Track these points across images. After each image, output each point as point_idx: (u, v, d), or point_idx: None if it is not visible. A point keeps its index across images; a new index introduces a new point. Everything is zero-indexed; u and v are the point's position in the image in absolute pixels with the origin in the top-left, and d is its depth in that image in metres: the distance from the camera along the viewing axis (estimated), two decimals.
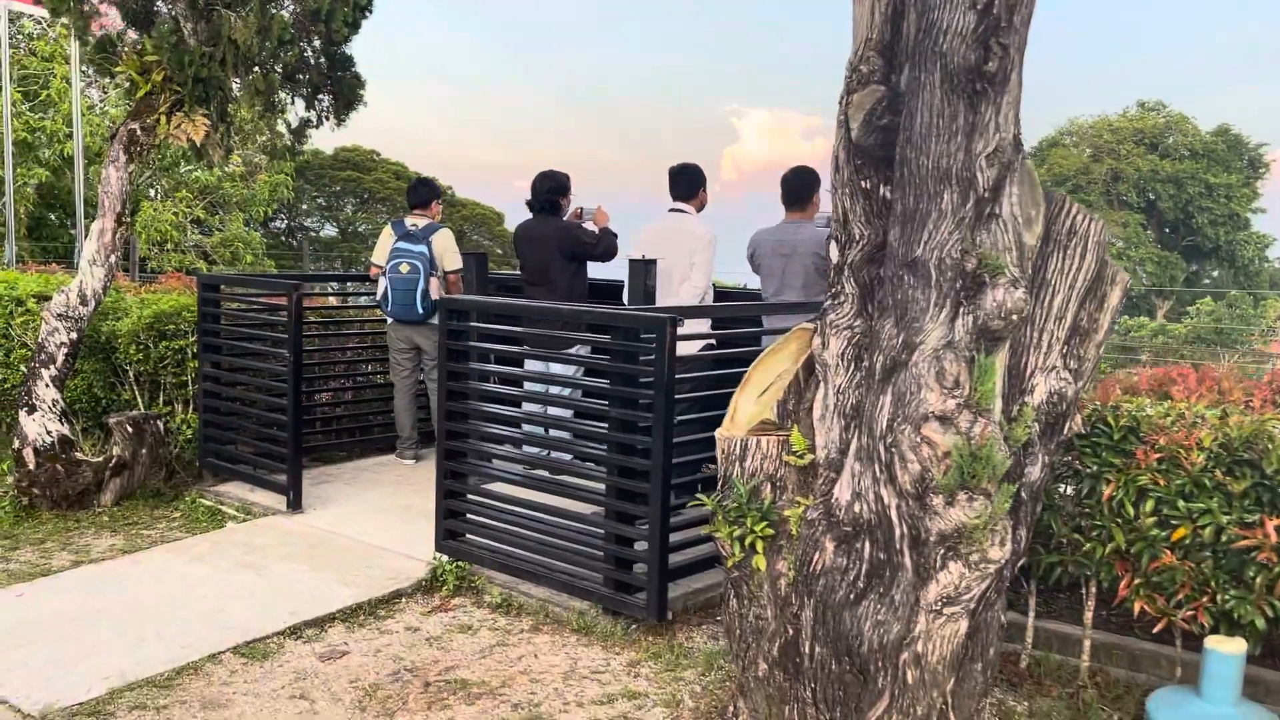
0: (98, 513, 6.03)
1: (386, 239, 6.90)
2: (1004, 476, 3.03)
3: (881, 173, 3.25)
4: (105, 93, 19.45)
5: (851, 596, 3.21)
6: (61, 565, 5.14)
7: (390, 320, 6.88)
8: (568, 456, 4.89)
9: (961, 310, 3.00)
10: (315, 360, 7.06)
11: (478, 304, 4.82)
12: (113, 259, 6.55)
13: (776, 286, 5.63)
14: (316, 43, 8.27)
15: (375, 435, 7.36)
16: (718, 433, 3.72)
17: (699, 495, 3.60)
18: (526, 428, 5.24)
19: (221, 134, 7.62)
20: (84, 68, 14.53)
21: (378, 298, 6.83)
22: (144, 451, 6.23)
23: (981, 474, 2.97)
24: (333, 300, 8.11)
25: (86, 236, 6.69)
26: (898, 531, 3.10)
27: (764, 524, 3.43)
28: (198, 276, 6.60)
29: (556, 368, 6.23)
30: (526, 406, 5.39)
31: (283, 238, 30.31)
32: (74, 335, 6.35)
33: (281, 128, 9.62)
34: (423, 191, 7.17)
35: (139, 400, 6.80)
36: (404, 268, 6.81)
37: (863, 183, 3.28)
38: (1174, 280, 40.72)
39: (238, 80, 7.77)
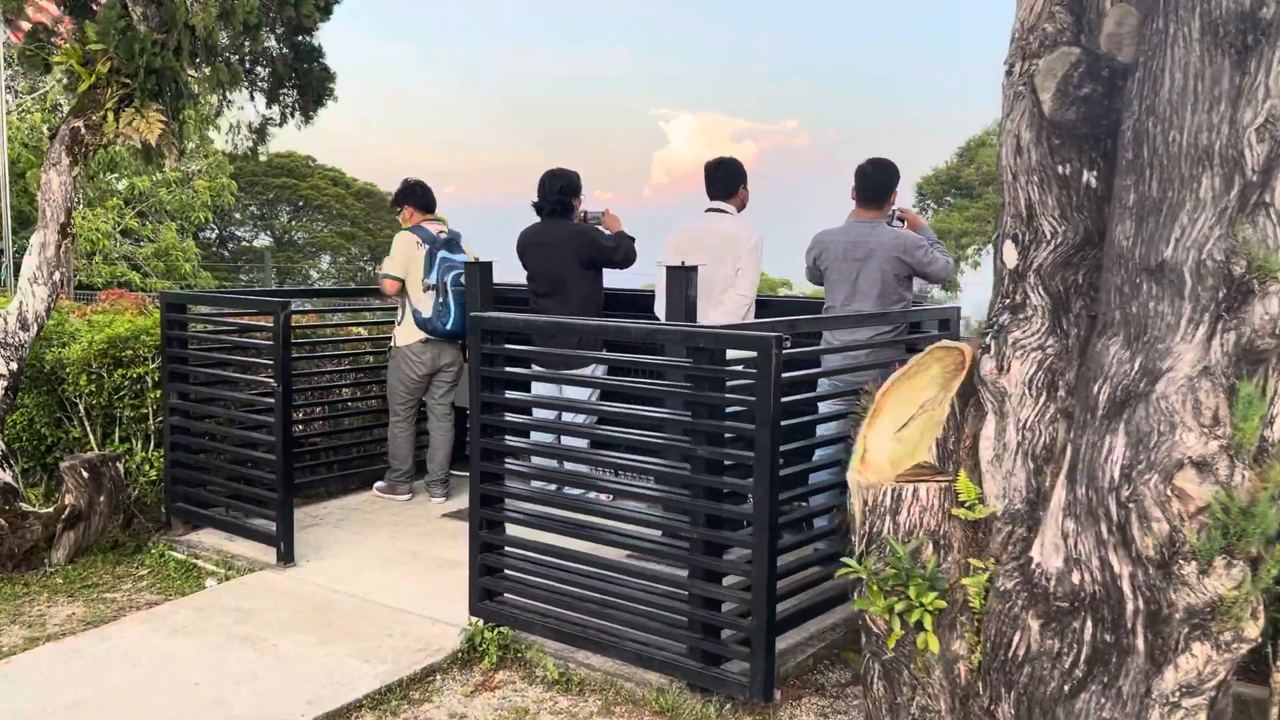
0: (50, 573, 5.15)
1: (415, 249, 6.05)
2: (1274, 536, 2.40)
3: (1085, 154, 2.61)
4: (19, 95, 18.19)
5: (1067, 688, 2.55)
6: (14, 644, 4.28)
7: (417, 341, 6.08)
8: (629, 502, 4.19)
9: (1221, 326, 2.36)
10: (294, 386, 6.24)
11: (529, 324, 4.05)
12: (57, 276, 5.69)
13: (847, 294, 4.97)
14: (279, 30, 7.45)
15: (356, 469, 6.56)
16: (852, 477, 3.05)
17: (846, 560, 2.92)
18: (575, 466, 4.52)
19: (175, 132, 6.77)
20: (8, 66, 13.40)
21: (426, 315, 6.00)
22: (102, 499, 5.36)
23: (1251, 534, 2.34)
24: (359, 320, 7.26)
25: (19, 251, 5.81)
26: (1130, 607, 2.46)
27: (933, 595, 2.76)
28: (161, 295, 5.74)
29: (570, 391, 5.53)
30: (568, 439, 4.67)
31: (214, 247, 29.00)
32: (14, 365, 5.46)
33: (221, 127, 8.75)
34: (430, 193, 6.37)
35: (91, 438, 5.92)
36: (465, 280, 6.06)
37: (1059, 167, 2.63)
38: None
39: (195, 72, 6.92)
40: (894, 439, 3.12)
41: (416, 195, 6.29)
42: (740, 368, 3.56)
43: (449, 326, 5.98)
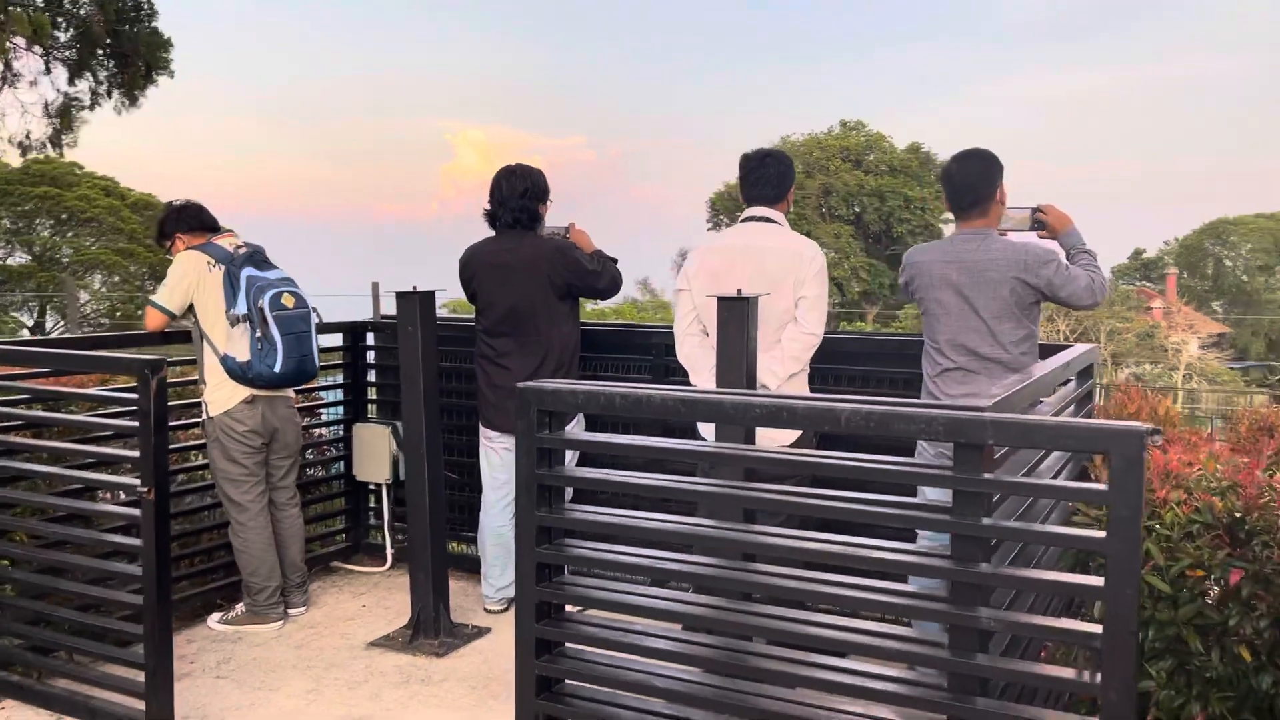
0: None
1: (208, 272, 4.30)
2: None
3: None
4: None
5: None
6: None
7: (239, 403, 4.31)
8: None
9: None
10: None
11: (656, 402, 2.39)
12: None
13: (952, 332, 3.69)
14: None
15: (235, 575, 4.73)
16: None
17: None
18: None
19: None
20: None
21: (242, 358, 4.25)
22: None
23: None
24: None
25: None
26: None
27: None
28: None
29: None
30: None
31: None
32: None
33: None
34: (206, 212, 4.59)
35: None
36: (289, 300, 4.34)
37: None
38: (881, 286, 43.56)
39: None
40: None
41: (190, 218, 4.50)
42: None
43: (278, 368, 4.25)
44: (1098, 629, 2.00)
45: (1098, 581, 2.00)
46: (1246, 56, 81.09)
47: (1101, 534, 1.99)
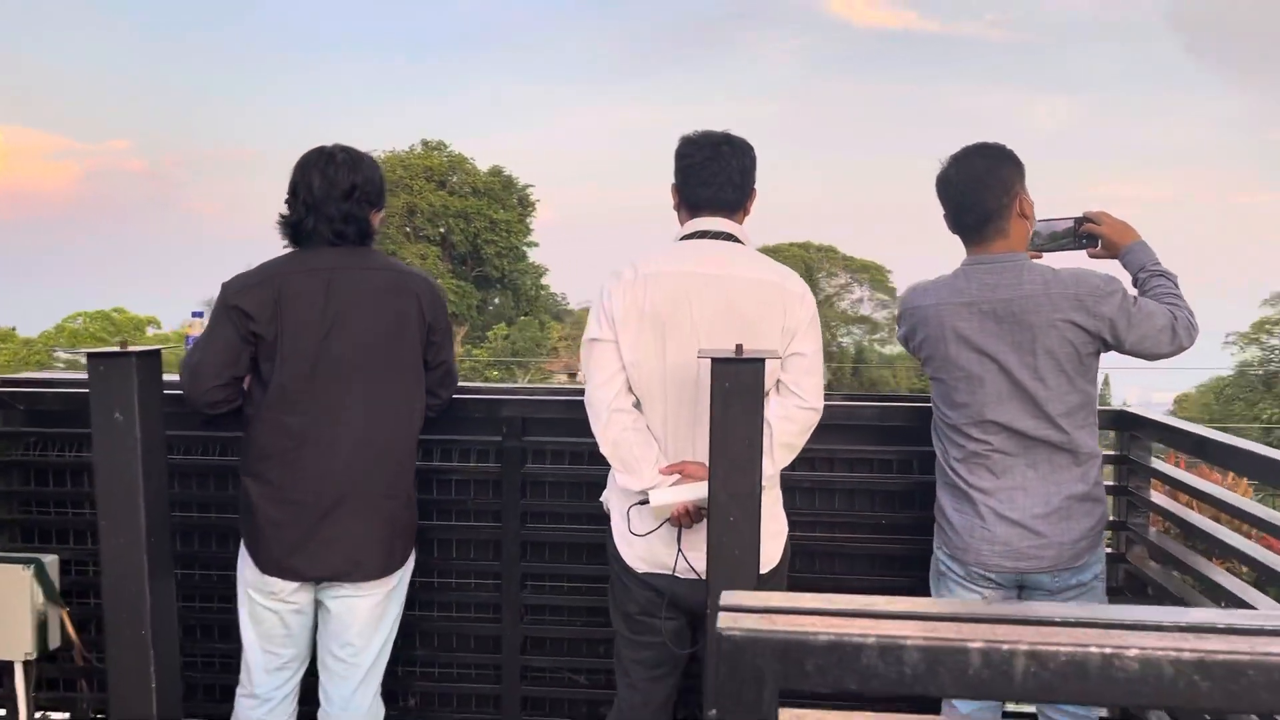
0: None
1: None
2: None
3: None
4: None
5: None
6: None
7: None
8: None
9: None
10: None
11: None
12: None
13: (980, 403, 2.60)
14: None
15: None
16: None
17: None
18: None
19: None
20: None
21: None
22: None
23: None
24: None
25: None
26: None
27: None
28: None
29: None
30: None
31: None
32: None
33: None
34: None
35: None
36: None
37: None
38: (469, 309, 43.63)
39: None
40: None
41: None
42: None
43: None
44: None
45: None
46: (778, 104, 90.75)
47: None
